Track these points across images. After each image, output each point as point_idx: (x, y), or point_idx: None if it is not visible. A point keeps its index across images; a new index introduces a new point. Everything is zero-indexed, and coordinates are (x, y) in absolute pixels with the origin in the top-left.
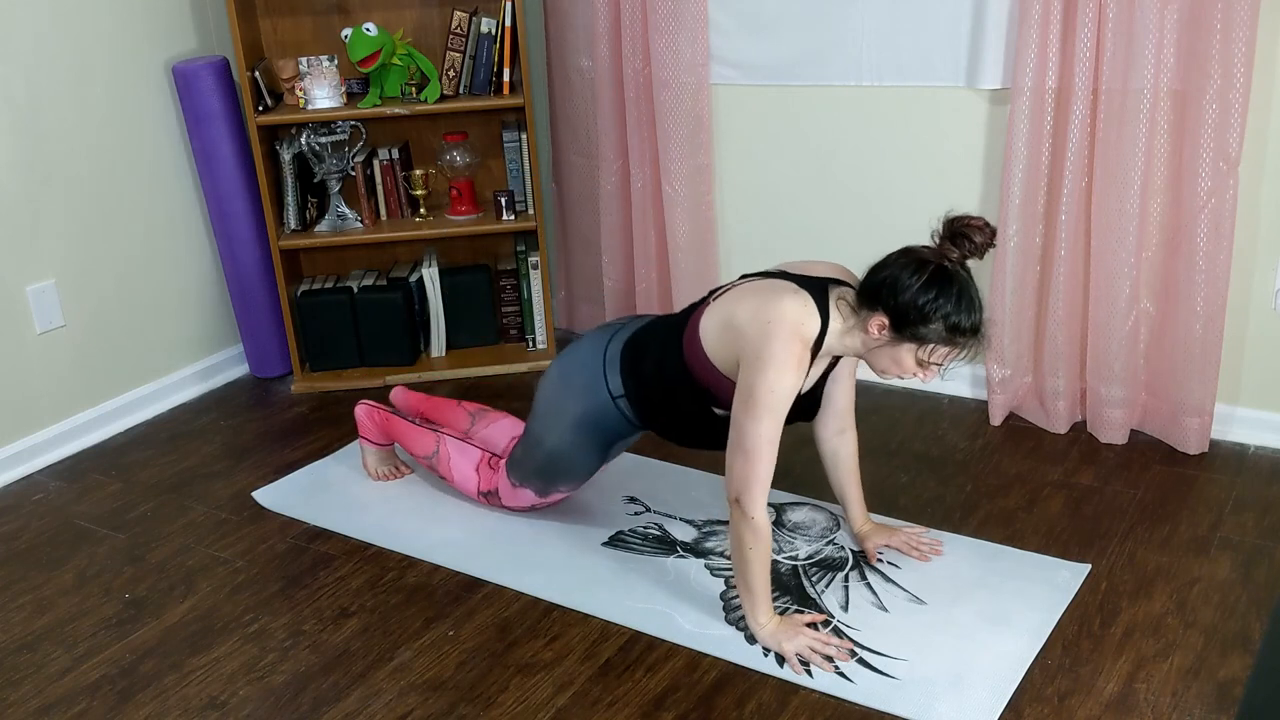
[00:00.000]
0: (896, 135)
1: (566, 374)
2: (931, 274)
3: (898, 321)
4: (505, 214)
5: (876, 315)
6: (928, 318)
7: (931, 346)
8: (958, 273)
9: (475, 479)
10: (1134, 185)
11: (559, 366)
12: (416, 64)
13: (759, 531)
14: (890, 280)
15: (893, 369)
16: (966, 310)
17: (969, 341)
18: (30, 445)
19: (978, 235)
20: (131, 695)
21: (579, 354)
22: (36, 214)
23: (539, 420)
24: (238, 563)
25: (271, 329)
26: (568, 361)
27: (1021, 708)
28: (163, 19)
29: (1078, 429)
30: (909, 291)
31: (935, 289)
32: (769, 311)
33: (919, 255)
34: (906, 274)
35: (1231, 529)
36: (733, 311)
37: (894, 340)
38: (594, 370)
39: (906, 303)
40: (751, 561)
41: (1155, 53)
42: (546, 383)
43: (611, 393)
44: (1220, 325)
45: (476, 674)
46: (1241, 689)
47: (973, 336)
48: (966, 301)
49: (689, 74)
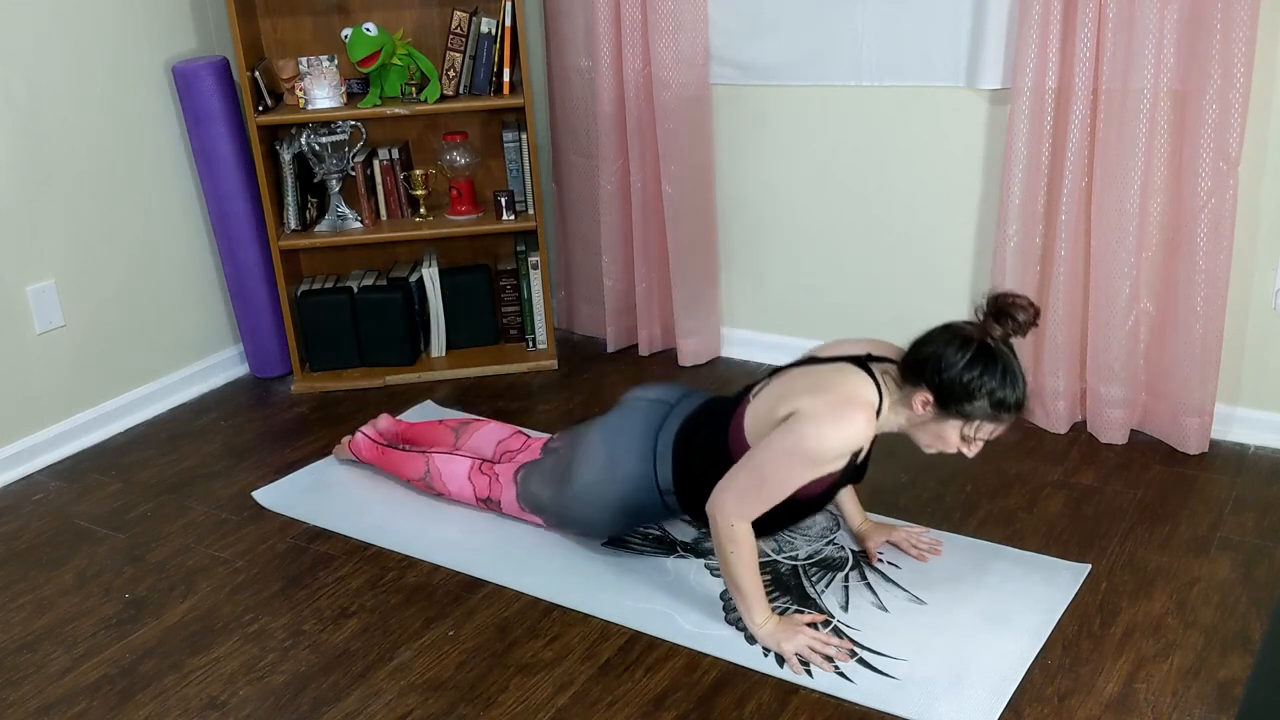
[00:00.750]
0: (896, 135)
1: (614, 457)
2: (976, 351)
3: (943, 398)
4: (505, 214)
5: (921, 392)
6: (973, 395)
7: (977, 423)
8: (1001, 350)
9: (470, 487)
10: (1134, 185)
11: (606, 445)
12: (416, 64)
13: (738, 538)
14: (935, 357)
15: (936, 444)
16: (1010, 386)
17: (1013, 417)
18: (30, 445)
19: (1021, 314)
20: (131, 695)
21: (627, 436)
22: (36, 214)
23: (576, 494)
24: (238, 563)
25: (271, 329)
26: (615, 441)
27: (1021, 708)
28: (163, 19)
29: (1078, 429)
30: (954, 369)
31: (980, 366)
32: (830, 387)
33: (962, 332)
34: (951, 351)
35: (1231, 529)
36: (781, 397)
37: (939, 416)
38: (644, 461)
39: (951, 380)
40: (735, 565)
41: (1155, 53)
42: (590, 455)
43: (660, 487)
44: (1220, 325)
45: (476, 674)
46: (1241, 689)
47: (1017, 411)
48: (1011, 378)
49: (689, 74)
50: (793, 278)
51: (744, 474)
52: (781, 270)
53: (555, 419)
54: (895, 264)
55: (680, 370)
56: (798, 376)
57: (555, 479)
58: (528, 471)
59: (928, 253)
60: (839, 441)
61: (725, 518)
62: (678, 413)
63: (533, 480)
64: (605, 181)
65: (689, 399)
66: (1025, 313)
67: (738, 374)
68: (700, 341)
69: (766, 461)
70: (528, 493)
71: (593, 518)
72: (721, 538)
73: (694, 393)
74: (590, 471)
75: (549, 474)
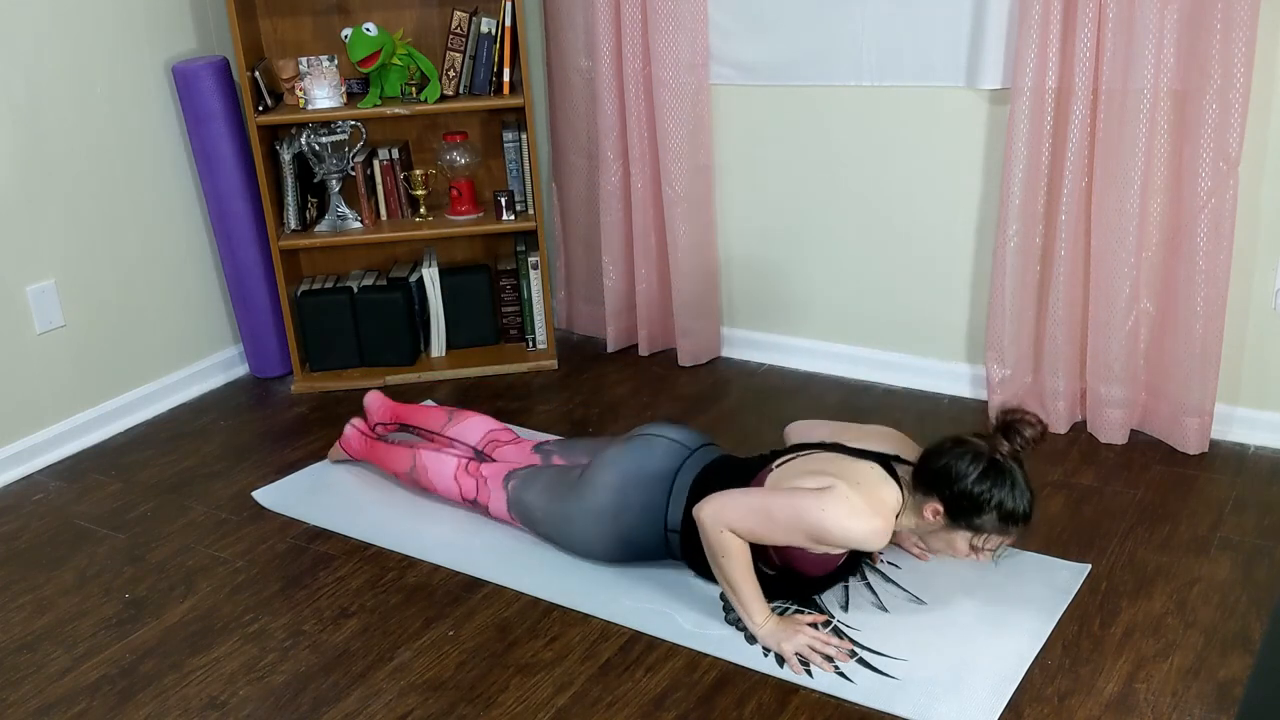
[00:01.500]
0: (896, 135)
1: (628, 486)
2: (986, 467)
3: (953, 510)
4: (505, 214)
5: (932, 502)
6: (981, 509)
7: (986, 535)
8: (1010, 465)
9: (456, 488)
10: (1134, 185)
11: (624, 474)
12: (416, 64)
13: (729, 546)
14: (945, 470)
15: (946, 550)
16: (1019, 501)
17: (1018, 529)
18: (30, 445)
19: (1029, 430)
20: (131, 695)
21: (646, 470)
22: (36, 214)
23: (581, 513)
24: (238, 563)
25: (271, 329)
26: (633, 472)
27: (1021, 708)
28: (163, 19)
29: (1078, 429)
30: (964, 482)
31: (989, 481)
32: (866, 483)
33: (973, 447)
34: (962, 465)
35: (1231, 529)
36: (813, 472)
37: (949, 527)
38: (659, 497)
39: (961, 493)
40: (729, 570)
41: (1155, 53)
42: (605, 479)
43: (669, 525)
44: (1220, 325)
45: (476, 674)
46: (1241, 689)
47: (1024, 524)
48: (1019, 493)
49: (689, 74)
50: (793, 278)
51: (755, 497)
52: (781, 270)
53: (555, 419)
54: (895, 264)
55: (680, 370)
56: (833, 460)
57: (557, 493)
58: (521, 481)
59: (928, 253)
60: (856, 534)
61: (717, 524)
62: (697, 459)
63: (529, 490)
64: (605, 181)
65: (707, 449)
66: (1034, 429)
67: (738, 374)
68: (700, 341)
69: (782, 503)
70: (520, 501)
71: (590, 540)
72: (713, 545)
73: (712, 444)
74: (602, 494)
75: (549, 486)
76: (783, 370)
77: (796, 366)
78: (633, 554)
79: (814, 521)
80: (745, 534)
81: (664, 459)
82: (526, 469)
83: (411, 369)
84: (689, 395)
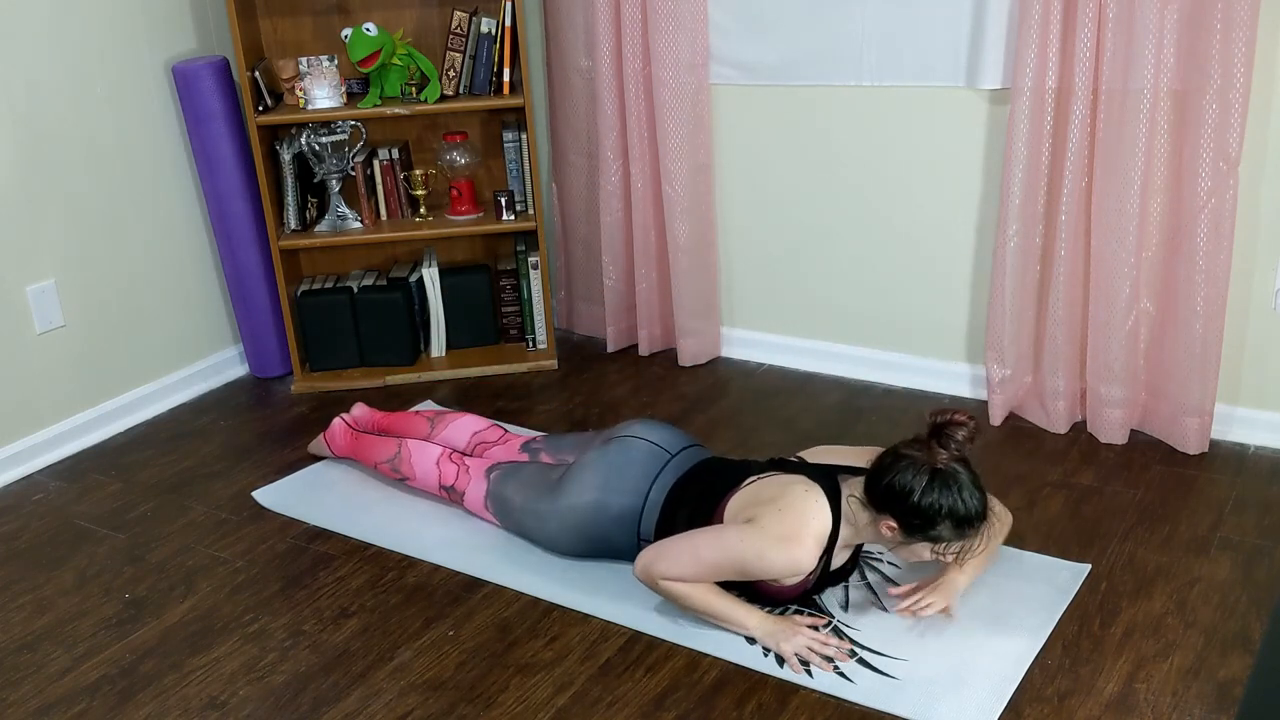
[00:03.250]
0: (896, 135)
1: (607, 492)
2: (929, 480)
3: (907, 526)
4: (505, 214)
5: (885, 519)
6: (934, 521)
7: (944, 544)
8: (953, 470)
9: (436, 473)
10: (1134, 185)
11: (602, 478)
12: (416, 64)
13: (674, 591)
14: (890, 489)
15: (911, 558)
16: (967, 504)
17: (977, 531)
18: (30, 445)
19: (961, 432)
20: (131, 695)
21: (624, 477)
22: (36, 214)
23: (557, 511)
24: (238, 563)
25: (271, 329)
26: (612, 477)
27: (1021, 708)
28: (163, 19)
29: (1078, 429)
30: (911, 499)
31: (935, 493)
32: (790, 509)
33: (912, 461)
34: (904, 479)
35: (1231, 529)
36: (753, 500)
37: (907, 540)
38: (634, 505)
39: (910, 509)
40: (694, 606)
41: (1155, 53)
42: (584, 482)
43: (640, 534)
44: (1220, 325)
45: (476, 674)
46: (1241, 689)
47: (980, 524)
48: (967, 495)
49: (689, 74)
50: (793, 278)
51: (683, 542)
52: (781, 270)
53: (555, 419)
54: (895, 264)
55: (680, 370)
56: (775, 484)
57: (535, 488)
58: (504, 474)
59: (928, 253)
60: (776, 565)
61: (652, 579)
62: (675, 466)
63: (508, 484)
64: (605, 181)
65: (688, 453)
66: (965, 429)
67: (737, 374)
68: (700, 341)
69: (706, 542)
70: (499, 494)
71: (562, 537)
72: (664, 593)
73: (694, 445)
74: (580, 496)
75: (528, 481)
76: (783, 370)
77: (796, 366)
78: (604, 554)
79: (736, 557)
80: (681, 579)
81: (644, 464)
82: (511, 463)
83: (411, 369)
84: (689, 395)
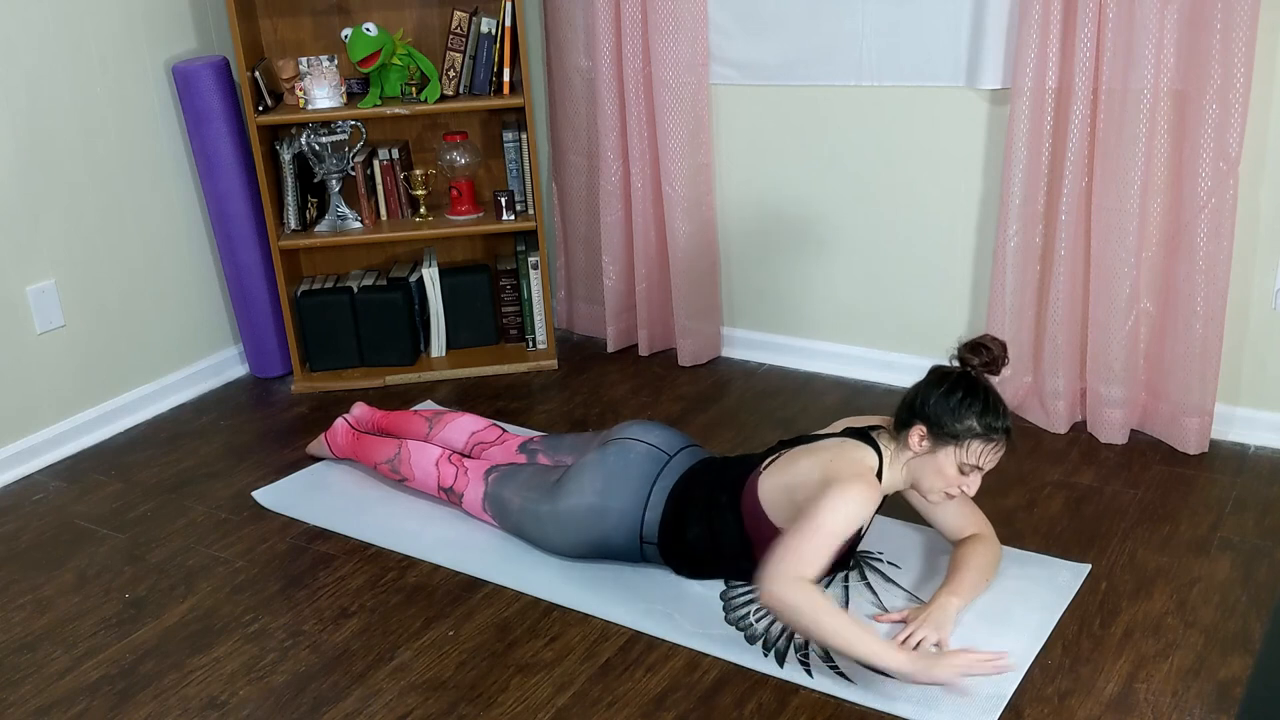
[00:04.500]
0: (897, 135)
1: (606, 495)
2: (956, 379)
3: (935, 426)
4: (505, 214)
5: (915, 427)
6: (961, 416)
7: (969, 445)
8: (982, 378)
9: (435, 473)
10: (1134, 185)
11: (601, 482)
12: (416, 64)
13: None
14: (921, 392)
15: (938, 481)
16: (995, 409)
17: (1002, 438)
18: (30, 445)
19: (993, 345)
20: (131, 695)
21: (623, 479)
22: (36, 214)
23: (556, 515)
24: (238, 563)
25: (271, 329)
26: (611, 481)
27: (1021, 708)
28: (163, 19)
29: (1078, 429)
30: (939, 396)
31: (962, 390)
32: (830, 459)
33: (943, 368)
34: (935, 384)
35: (1231, 529)
36: (792, 472)
37: (933, 448)
38: (635, 508)
39: (940, 406)
40: (830, 633)
41: (1155, 53)
42: (582, 485)
43: (643, 536)
44: (1220, 325)
45: (476, 674)
46: (1241, 689)
47: (1005, 435)
48: (994, 400)
49: (689, 74)
50: (793, 278)
51: (799, 543)
52: (781, 270)
53: (555, 419)
54: (895, 264)
55: (680, 370)
56: (804, 454)
57: (534, 490)
58: (502, 476)
59: (928, 252)
60: (857, 511)
61: (780, 595)
62: (674, 467)
63: (506, 486)
64: (605, 181)
65: (686, 453)
66: (995, 344)
67: (738, 374)
68: (700, 341)
69: (811, 529)
70: (497, 495)
71: (560, 539)
72: (796, 619)
73: (692, 446)
74: (579, 499)
75: (527, 483)
76: (783, 370)
77: (796, 366)
78: (605, 556)
79: (834, 524)
80: (820, 572)
81: (643, 466)
82: (509, 465)
83: (411, 369)
84: (689, 395)
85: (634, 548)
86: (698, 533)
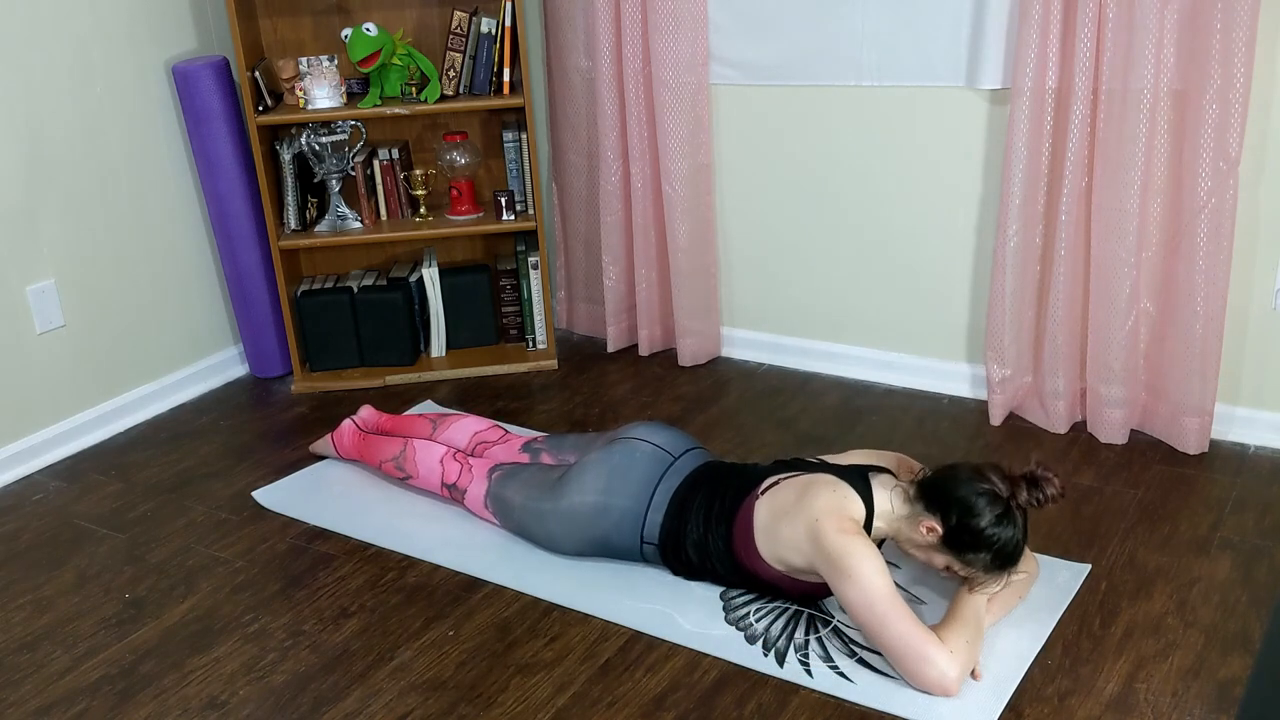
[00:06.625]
0: (897, 135)
1: (610, 494)
2: (1001, 513)
3: (952, 539)
4: (505, 214)
5: (931, 519)
6: (980, 548)
7: (971, 565)
8: (1019, 516)
9: (439, 470)
10: (1134, 185)
11: (604, 480)
12: (416, 64)
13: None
14: (963, 503)
15: (921, 558)
16: (1014, 553)
17: (1004, 573)
18: (30, 445)
19: (1050, 490)
20: (131, 695)
21: (627, 479)
22: (36, 214)
23: (558, 512)
24: (238, 563)
25: (271, 329)
26: (615, 479)
27: (1021, 708)
28: (163, 19)
29: (1078, 429)
30: (974, 519)
31: (999, 526)
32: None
33: (993, 489)
34: (978, 502)
35: (1231, 529)
36: (781, 507)
37: (939, 549)
38: (638, 508)
39: (966, 527)
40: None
41: (1155, 53)
42: (586, 484)
43: (644, 537)
44: (1220, 325)
45: (476, 674)
46: (1241, 689)
47: (1009, 573)
48: (1015, 545)
49: (689, 74)
50: (792, 278)
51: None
52: (781, 270)
53: (555, 419)
54: (895, 264)
55: (680, 370)
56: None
57: (536, 488)
58: (505, 475)
59: (928, 253)
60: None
61: (957, 678)
62: (679, 469)
63: (509, 484)
64: (605, 181)
65: (691, 455)
66: (1055, 490)
67: (738, 374)
68: (700, 341)
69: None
70: (500, 494)
71: (562, 537)
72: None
73: (697, 448)
74: (581, 497)
75: (529, 481)
76: (783, 370)
77: (796, 366)
78: (605, 554)
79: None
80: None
81: (647, 467)
82: (512, 464)
83: (411, 369)
84: (689, 395)
85: (634, 547)
86: (693, 539)
